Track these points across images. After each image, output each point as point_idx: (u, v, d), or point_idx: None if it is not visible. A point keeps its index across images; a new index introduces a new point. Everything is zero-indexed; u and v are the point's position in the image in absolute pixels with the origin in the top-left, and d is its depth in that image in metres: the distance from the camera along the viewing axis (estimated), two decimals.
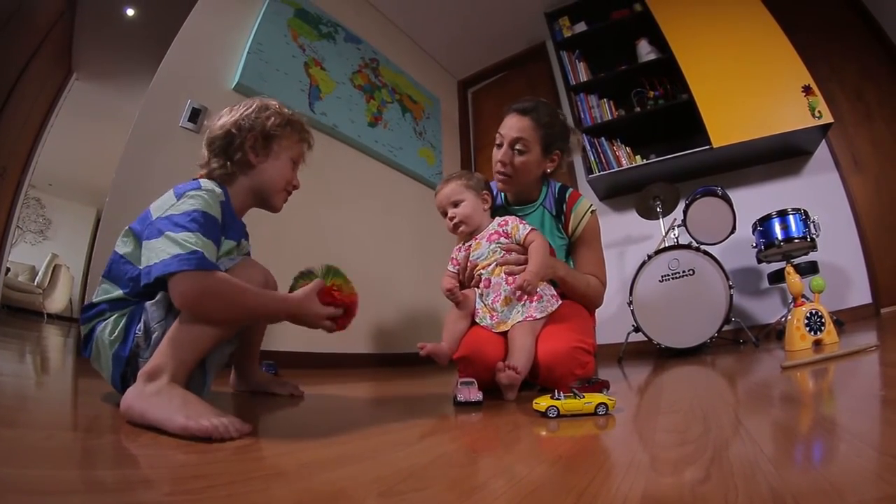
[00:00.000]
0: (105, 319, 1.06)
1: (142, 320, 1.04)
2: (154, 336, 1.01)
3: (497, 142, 1.88)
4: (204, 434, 0.79)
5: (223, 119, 1.28)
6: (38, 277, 7.63)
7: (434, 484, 0.58)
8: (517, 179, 1.88)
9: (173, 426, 0.81)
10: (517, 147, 1.81)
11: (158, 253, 0.96)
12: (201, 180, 1.21)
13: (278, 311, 1.07)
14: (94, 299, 1.11)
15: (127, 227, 1.17)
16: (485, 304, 1.73)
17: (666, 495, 0.49)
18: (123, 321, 1.05)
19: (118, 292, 1.09)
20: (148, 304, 1.04)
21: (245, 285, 1.02)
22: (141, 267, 1.00)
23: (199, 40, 2.72)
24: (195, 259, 0.95)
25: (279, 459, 0.70)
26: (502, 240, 1.74)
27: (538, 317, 1.63)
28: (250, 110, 1.28)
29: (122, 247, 1.13)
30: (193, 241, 0.98)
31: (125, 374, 1.04)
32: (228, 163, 1.26)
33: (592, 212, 1.91)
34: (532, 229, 1.73)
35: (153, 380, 0.89)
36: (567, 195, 1.94)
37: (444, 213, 1.84)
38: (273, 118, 1.29)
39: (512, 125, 1.83)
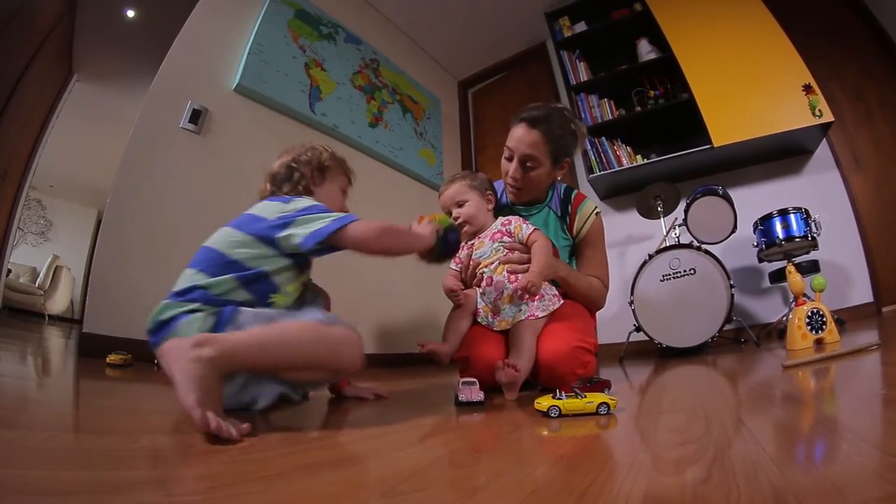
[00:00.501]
0: (192, 313, 1.07)
1: (234, 323, 1.07)
2: None
3: (506, 155, 1.85)
4: (203, 428, 0.78)
5: (280, 160, 1.49)
6: (39, 279, 7.64)
7: (436, 484, 0.57)
8: (528, 192, 1.88)
9: (184, 399, 0.81)
10: (528, 164, 1.78)
11: (317, 222, 1.17)
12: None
13: (425, 241, 1.39)
14: (186, 285, 1.14)
15: (229, 228, 1.29)
16: (486, 303, 1.73)
17: (668, 495, 0.49)
18: (212, 321, 1.06)
19: (222, 279, 1.14)
20: (249, 310, 1.10)
21: (399, 226, 1.33)
22: (299, 240, 1.16)
23: (200, 41, 2.72)
24: (356, 217, 1.20)
25: (281, 460, 0.70)
26: (505, 239, 1.74)
27: (540, 315, 1.63)
28: (303, 150, 1.50)
29: (230, 247, 1.21)
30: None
31: None
32: (299, 186, 1.43)
33: (597, 214, 1.91)
34: (535, 229, 1.73)
35: (203, 346, 0.88)
36: (573, 196, 1.94)
37: (449, 213, 1.83)
38: (324, 154, 1.51)
39: (521, 138, 1.77)
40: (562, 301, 1.72)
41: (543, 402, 1.05)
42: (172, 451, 0.74)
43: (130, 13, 4.83)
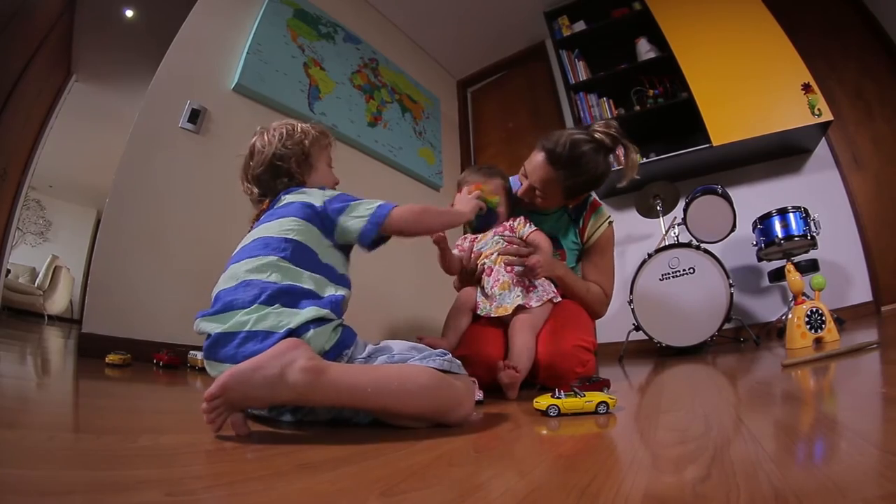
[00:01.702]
0: (320, 326, 0.95)
1: (352, 348, 1.01)
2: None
3: (521, 171, 1.82)
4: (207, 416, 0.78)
5: (256, 158, 1.36)
6: (38, 279, 7.63)
7: (435, 483, 0.57)
8: (538, 208, 1.87)
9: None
10: (537, 192, 1.76)
11: (364, 214, 1.18)
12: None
13: (465, 217, 1.47)
14: (309, 286, 1.03)
15: (293, 218, 1.15)
16: (485, 295, 1.75)
17: (667, 494, 0.49)
18: (337, 338, 0.99)
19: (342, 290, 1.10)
20: (360, 340, 1.05)
21: (436, 207, 1.40)
22: (356, 234, 1.18)
23: (199, 41, 2.73)
24: (392, 204, 1.21)
25: (280, 459, 0.70)
26: (506, 233, 1.76)
27: (534, 305, 1.63)
28: (278, 141, 1.34)
29: (301, 234, 1.11)
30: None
31: None
32: (287, 179, 1.34)
33: (610, 223, 1.92)
34: (536, 230, 1.74)
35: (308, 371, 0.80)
36: (588, 202, 1.93)
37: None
38: (304, 138, 1.38)
39: (536, 168, 1.72)
40: (560, 298, 1.73)
41: (542, 402, 1.05)
42: (172, 451, 0.74)
43: (129, 13, 4.82)
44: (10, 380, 1.45)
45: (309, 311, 0.94)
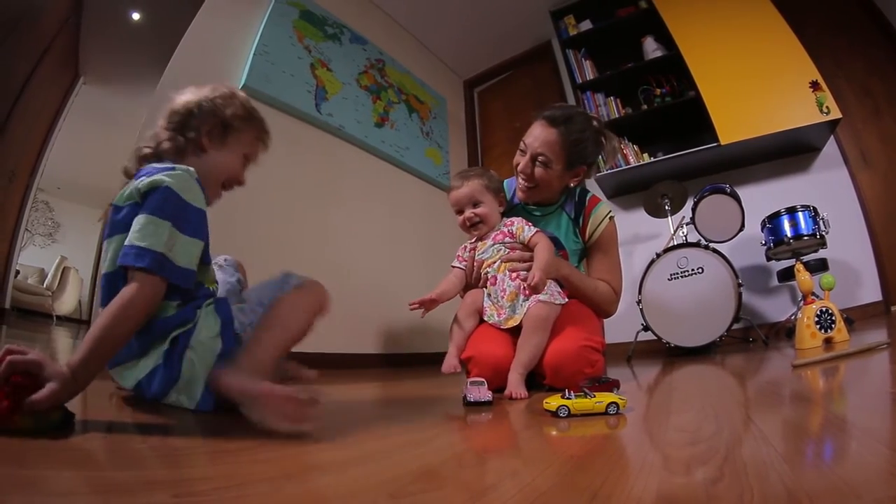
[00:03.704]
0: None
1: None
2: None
3: (520, 147, 1.82)
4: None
5: (187, 96, 1.23)
6: (47, 280, 7.69)
7: (445, 485, 0.57)
8: (538, 192, 1.85)
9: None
10: (538, 160, 1.76)
11: (131, 245, 0.97)
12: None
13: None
14: None
15: None
16: (493, 303, 1.73)
17: (680, 495, 0.49)
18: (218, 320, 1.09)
19: None
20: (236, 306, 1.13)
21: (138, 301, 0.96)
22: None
23: (205, 43, 2.73)
24: (140, 258, 0.95)
25: (288, 461, 0.70)
26: (507, 240, 1.74)
27: (542, 299, 1.61)
28: (216, 94, 1.24)
29: None
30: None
31: None
32: (182, 139, 1.20)
33: (611, 218, 1.88)
34: (537, 231, 1.72)
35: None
36: (587, 199, 1.91)
37: (460, 212, 1.82)
38: (236, 110, 1.25)
39: (537, 136, 1.75)
40: (567, 299, 1.72)
41: (552, 402, 1.04)
42: (180, 452, 0.74)
43: (136, 15, 4.85)
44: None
45: None
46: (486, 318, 1.74)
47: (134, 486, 0.55)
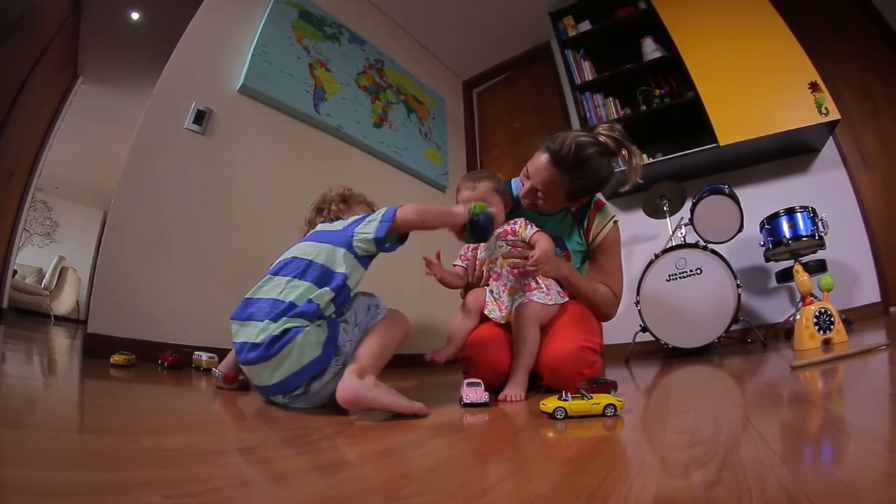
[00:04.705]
0: (304, 327, 1.22)
1: (339, 338, 1.28)
2: (345, 351, 1.28)
3: (524, 172, 1.78)
4: (421, 412, 1.13)
5: (310, 209, 1.75)
6: (45, 280, 7.67)
7: (440, 488, 0.56)
8: (540, 208, 1.82)
9: (400, 407, 1.12)
10: (539, 193, 1.73)
11: (376, 217, 1.39)
12: None
13: (456, 218, 1.52)
14: (294, 299, 1.26)
15: (315, 242, 1.42)
16: (494, 298, 1.75)
17: (678, 499, 0.48)
18: (325, 333, 1.25)
19: (323, 290, 1.29)
20: (342, 325, 1.31)
21: (431, 206, 1.58)
22: (373, 233, 1.36)
23: (204, 43, 2.73)
24: (396, 206, 1.41)
25: (281, 463, 0.69)
26: (509, 237, 1.74)
27: (536, 300, 1.62)
28: (327, 192, 1.75)
29: (321, 258, 1.36)
30: None
31: (314, 376, 1.24)
32: (325, 218, 1.67)
33: (615, 222, 1.88)
34: (538, 231, 1.71)
35: (363, 377, 1.15)
36: (593, 201, 1.90)
37: None
38: (342, 189, 1.74)
39: (539, 170, 1.69)
40: (566, 298, 1.72)
41: (549, 404, 1.04)
42: (174, 452, 0.73)
43: (135, 15, 4.84)
44: (14, 379, 1.45)
45: (283, 322, 1.21)
46: (486, 312, 1.75)
47: (128, 486, 0.55)
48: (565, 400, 1.03)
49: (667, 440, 0.80)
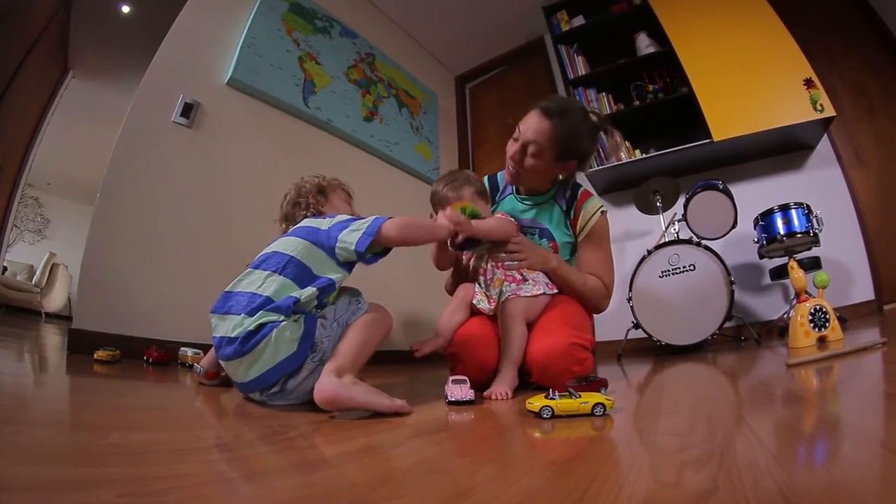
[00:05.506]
0: (280, 322, 1.20)
1: (316, 333, 1.26)
2: (322, 347, 1.26)
3: (514, 135, 1.79)
4: (403, 410, 1.12)
5: (286, 201, 1.74)
6: (35, 276, 7.61)
7: (412, 492, 0.53)
8: (524, 179, 1.84)
9: (381, 406, 1.11)
10: (529, 149, 1.72)
11: (361, 227, 1.34)
12: None
13: (441, 232, 1.51)
14: (271, 294, 1.25)
15: (299, 239, 1.39)
16: (482, 290, 1.76)
17: None
18: (302, 329, 1.23)
19: (309, 291, 1.27)
20: (320, 320, 1.29)
21: (418, 219, 1.51)
22: (353, 244, 1.32)
23: (192, 35, 2.70)
24: (385, 218, 1.36)
25: (251, 462, 0.66)
26: None
27: (521, 295, 1.63)
28: (301, 184, 1.74)
29: (302, 255, 1.34)
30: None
31: (290, 374, 1.22)
32: (310, 210, 1.65)
33: (602, 212, 1.86)
34: (503, 214, 1.84)
35: (341, 375, 1.13)
36: (579, 192, 1.89)
37: None
38: (316, 180, 1.74)
39: (530, 125, 1.72)
40: (554, 291, 1.71)
41: (535, 403, 1.01)
42: (142, 449, 0.71)
43: (125, 8, 4.80)
44: (6, 377, 1.45)
45: (258, 316, 1.19)
46: (475, 303, 1.75)
47: (87, 482, 0.54)
48: (553, 398, 1.00)
49: (658, 441, 0.77)
